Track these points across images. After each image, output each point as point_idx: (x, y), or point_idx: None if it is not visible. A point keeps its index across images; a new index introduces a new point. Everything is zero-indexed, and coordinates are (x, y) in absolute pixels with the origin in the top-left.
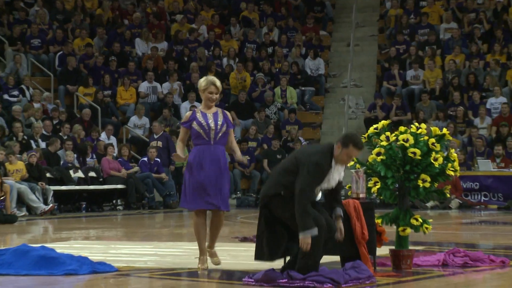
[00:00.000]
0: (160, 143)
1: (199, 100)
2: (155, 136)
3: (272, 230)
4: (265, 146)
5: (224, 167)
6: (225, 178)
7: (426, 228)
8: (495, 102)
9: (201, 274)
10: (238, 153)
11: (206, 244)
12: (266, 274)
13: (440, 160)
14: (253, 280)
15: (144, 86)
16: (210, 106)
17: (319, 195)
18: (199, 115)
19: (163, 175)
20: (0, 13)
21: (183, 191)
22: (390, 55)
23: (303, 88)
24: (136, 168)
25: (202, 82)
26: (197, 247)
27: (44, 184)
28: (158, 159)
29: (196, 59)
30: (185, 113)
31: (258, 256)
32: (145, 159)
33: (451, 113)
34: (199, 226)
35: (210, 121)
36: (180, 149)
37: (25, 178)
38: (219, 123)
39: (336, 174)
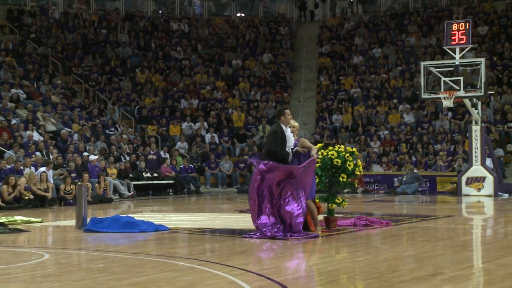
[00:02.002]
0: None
1: (215, 132)
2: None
3: None
4: None
5: None
6: None
7: (344, 204)
8: (382, 133)
9: (215, 231)
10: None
11: None
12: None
13: (352, 165)
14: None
15: (185, 125)
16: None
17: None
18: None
19: (195, 174)
20: (104, 84)
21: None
22: (323, 106)
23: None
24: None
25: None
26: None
27: (128, 180)
28: (191, 165)
29: (214, 109)
30: (207, 140)
31: None
32: (182, 166)
33: (357, 139)
34: None
35: None
36: None
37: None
38: None
39: (289, 133)
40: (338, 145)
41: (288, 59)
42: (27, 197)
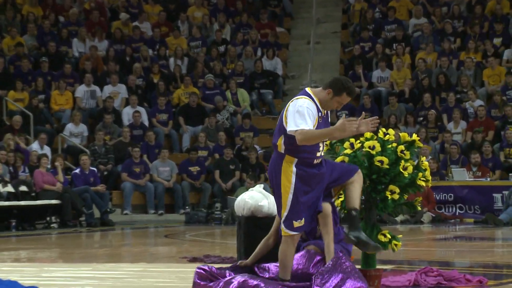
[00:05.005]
0: None
1: (141, 104)
2: None
3: None
4: (216, 155)
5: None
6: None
7: (395, 245)
8: (469, 105)
9: None
10: None
11: None
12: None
13: (410, 169)
14: None
15: (81, 90)
16: None
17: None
18: None
19: (100, 186)
20: None
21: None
22: (354, 53)
23: (262, 91)
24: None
25: None
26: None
27: None
28: (94, 169)
29: (140, 59)
30: (127, 119)
31: None
32: (78, 170)
33: (421, 117)
34: None
35: None
36: None
37: None
38: None
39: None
40: (384, 130)
41: None
42: None
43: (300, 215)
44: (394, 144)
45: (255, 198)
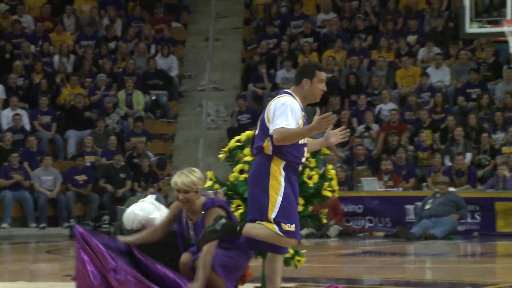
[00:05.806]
0: None
1: (22, 103)
2: None
3: None
4: (103, 160)
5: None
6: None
7: (299, 261)
8: (382, 108)
9: None
10: None
11: None
12: None
13: (315, 178)
14: None
15: None
16: None
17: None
18: None
19: None
20: None
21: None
22: (258, 51)
23: (155, 92)
24: None
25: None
26: None
27: None
28: None
29: (21, 57)
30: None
31: None
32: None
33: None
34: None
35: None
36: None
37: None
38: None
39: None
40: None
41: None
42: None
43: (290, 218)
44: None
45: (146, 210)
